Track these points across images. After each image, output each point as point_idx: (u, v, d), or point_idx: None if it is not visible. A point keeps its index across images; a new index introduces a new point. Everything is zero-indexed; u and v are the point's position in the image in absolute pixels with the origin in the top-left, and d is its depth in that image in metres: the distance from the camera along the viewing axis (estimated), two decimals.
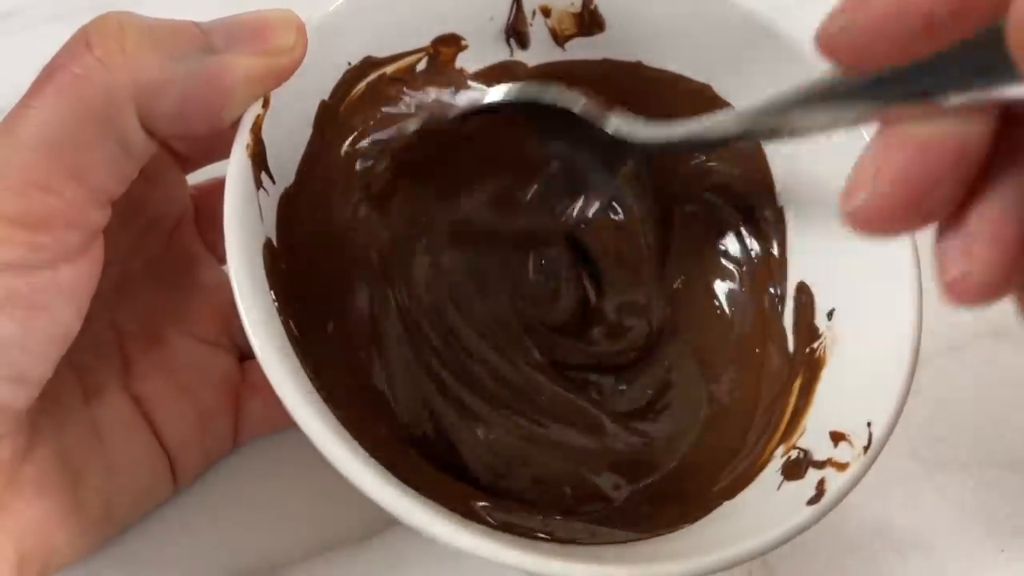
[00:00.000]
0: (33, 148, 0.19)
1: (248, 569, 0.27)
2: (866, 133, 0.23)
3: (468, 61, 0.27)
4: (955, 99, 0.15)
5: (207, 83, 0.20)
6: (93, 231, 0.20)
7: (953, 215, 0.15)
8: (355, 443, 0.19)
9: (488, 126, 0.27)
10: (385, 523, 0.27)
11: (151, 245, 0.26)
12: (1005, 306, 0.35)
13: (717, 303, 0.28)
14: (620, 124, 0.25)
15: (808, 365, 0.25)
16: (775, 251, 0.27)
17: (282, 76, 0.21)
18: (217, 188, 0.27)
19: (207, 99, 0.20)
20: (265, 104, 0.21)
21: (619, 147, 0.25)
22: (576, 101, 0.25)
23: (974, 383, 0.31)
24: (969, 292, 0.15)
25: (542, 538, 0.22)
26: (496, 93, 0.26)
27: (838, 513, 0.29)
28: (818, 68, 0.25)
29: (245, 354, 0.28)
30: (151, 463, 0.25)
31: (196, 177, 0.27)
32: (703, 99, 0.27)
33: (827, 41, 0.15)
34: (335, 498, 0.27)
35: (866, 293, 0.24)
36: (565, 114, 0.25)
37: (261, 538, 0.27)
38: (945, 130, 0.15)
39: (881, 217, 0.15)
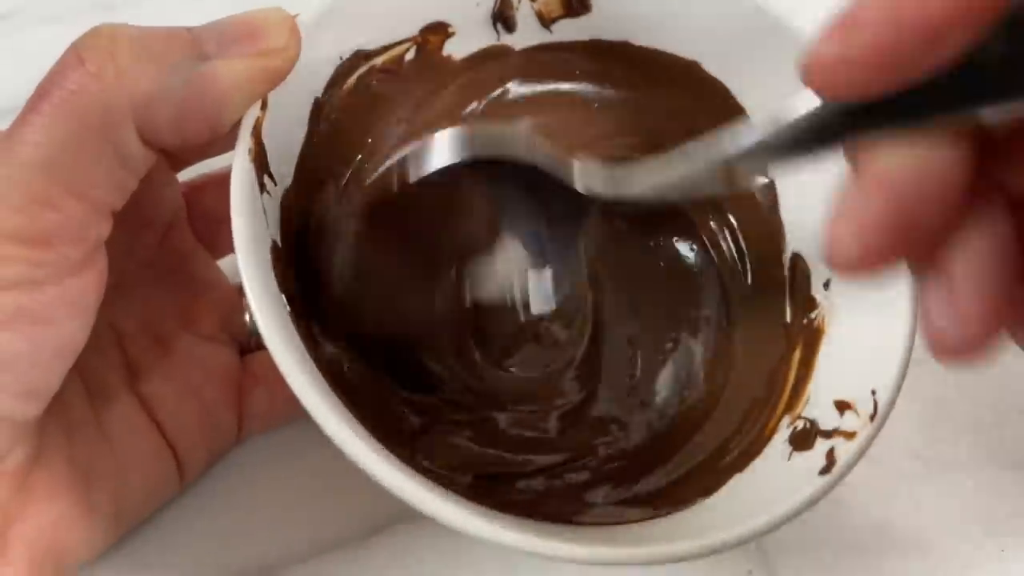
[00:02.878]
0: (32, 166, 0.19)
1: (248, 569, 0.27)
2: None
3: (456, 48, 0.28)
4: (941, 122, 0.15)
5: (202, 92, 0.20)
6: (95, 243, 0.21)
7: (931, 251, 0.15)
8: (382, 448, 0.19)
9: (443, 189, 0.25)
10: (385, 523, 0.28)
11: (146, 245, 0.26)
12: None
13: (711, 275, 0.29)
14: (587, 177, 0.24)
15: (807, 335, 0.26)
16: (768, 222, 0.28)
17: (278, 77, 0.21)
18: (208, 184, 0.27)
19: (203, 108, 0.20)
20: (263, 106, 0.22)
21: (585, 202, 0.24)
22: (539, 151, 0.24)
23: (974, 383, 0.31)
24: (959, 352, 0.15)
25: (554, 520, 0.22)
26: (448, 147, 0.24)
27: (839, 512, 0.29)
28: (804, 44, 0.25)
29: (244, 348, 0.28)
30: (158, 460, 0.25)
31: (186, 173, 0.27)
32: (692, 76, 0.28)
33: (817, 71, 0.14)
34: (335, 498, 0.27)
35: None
36: (528, 168, 0.24)
37: (261, 538, 0.27)
38: (925, 160, 0.15)
39: (866, 264, 0.15)
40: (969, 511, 0.30)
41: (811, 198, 0.26)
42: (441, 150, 0.24)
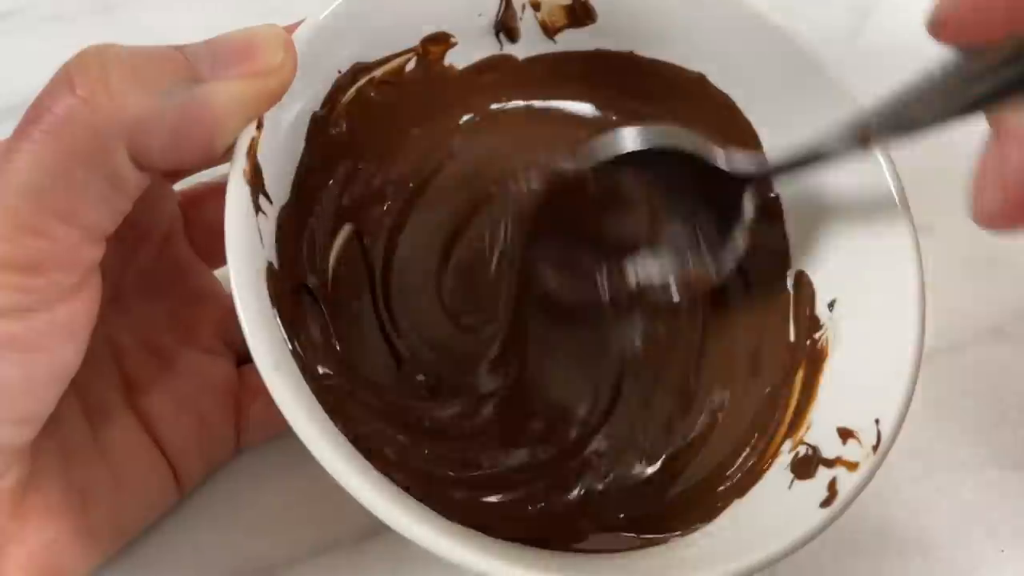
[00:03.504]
0: (22, 192, 0.19)
1: (248, 569, 0.27)
2: None
3: (457, 58, 0.27)
4: None
5: (196, 115, 0.20)
6: (88, 268, 0.20)
7: None
8: (372, 469, 0.19)
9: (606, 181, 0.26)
10: (382, 524, 0.27)
11: (142, 258, 0.26)
12: (1005, 306, 0.35)
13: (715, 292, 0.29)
14: (734, 158, 0.24)
15: (810, 356, 0.25)
16: (773, 239, 0.27)
17: (274, 98, 0.21)
18: (204, 194, 0.27)
19: (198, 132, 0.20)
20: (259, 125, 0.21)
21: (736, 185, 0.25)
22: (687, 138, 0.25)
23: (974, 383, 0.31)
24: None
25: (551, 546, 0.22)
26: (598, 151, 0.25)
27: None
28: (812, 60, 0.25)
29: (242, 358, 0.28)
30: (156, 475, 0.25)
31: (182, 182, 0.27)
32: (698, 89, 0.27)
33: (937, 21, 0.16)
34: (335, 498, 0.27)
35: (867, 284, 0.25)
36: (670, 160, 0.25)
37: (261, 538, 0.27)
38: None
39: (1009, 218, 0.16)
40: (969, 511, 0.30)
41: (816, 215, 0.26)
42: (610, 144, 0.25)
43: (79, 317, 0.20)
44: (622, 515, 0.25)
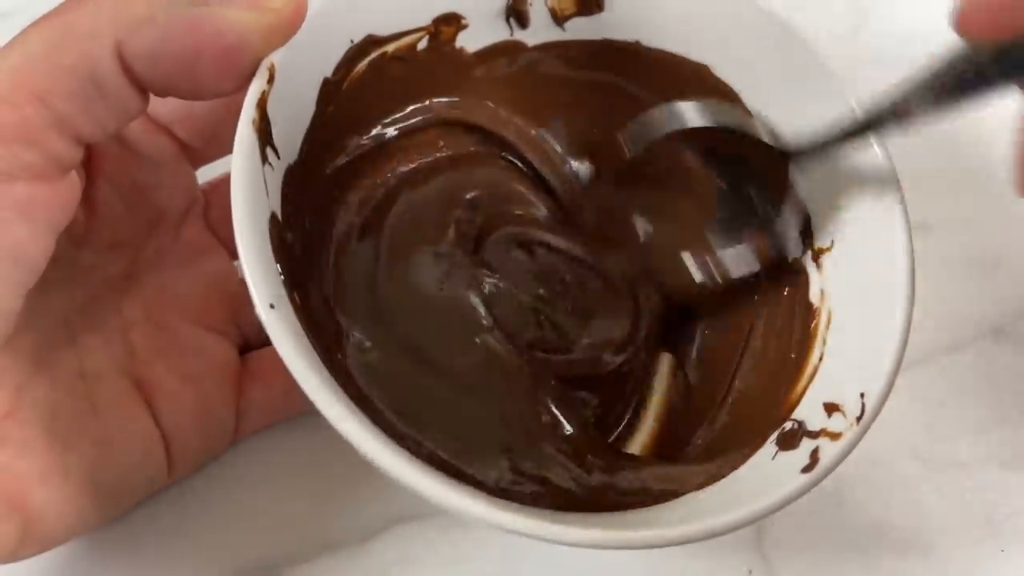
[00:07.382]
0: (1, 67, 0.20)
1: (248, 569, 0.27)
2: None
3: (468, 40, 0.28)
4: None
5: (188, 28, 0.20)
6: (57, 160, 0.21)
7: None
8: (369, 422, 0.20)
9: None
10: (385, 523, 0.28)
11: (160, 235, 0.26)
12: (1005, 306, 0.35)
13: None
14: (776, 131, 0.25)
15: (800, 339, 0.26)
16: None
17: (271, 36, 0.21)
18: (227, 181, 0.27)
19: (185, 44, 0.20)
20: (270, 80, 0.22)
21: (779, 159, 0.25)
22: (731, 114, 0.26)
23: (974, 383, 0.31)
24: None
25: (538, 504, 0.22)
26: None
27: (839, 513, 0.29)
28: (813, 53, 0.25)
29: (250, 344, 0.28)
30: (145, 443, 0.25)
31: (209, 173, 0.27)
32: (702, 80, 0.28)
33: (962, 18, 0.18)
34: (335, 498, 0.28)
35: (856, 270, 0.25)
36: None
37: (261, 538, 0.27)
38: None
39: None
40: (969, 511, 0.30)
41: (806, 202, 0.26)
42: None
43: (38, 203, 0.20)
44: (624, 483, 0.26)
